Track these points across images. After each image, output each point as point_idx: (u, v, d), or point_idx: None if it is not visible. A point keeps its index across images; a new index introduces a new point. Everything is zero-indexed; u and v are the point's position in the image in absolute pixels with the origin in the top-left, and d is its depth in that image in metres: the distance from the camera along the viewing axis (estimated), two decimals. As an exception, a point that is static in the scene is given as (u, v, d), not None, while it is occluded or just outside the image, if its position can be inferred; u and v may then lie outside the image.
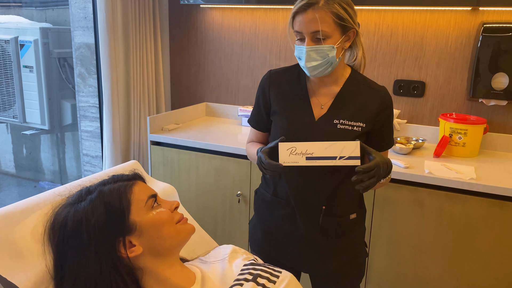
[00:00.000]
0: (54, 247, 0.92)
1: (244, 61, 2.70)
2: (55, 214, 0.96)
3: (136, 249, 0.91)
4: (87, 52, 2.77)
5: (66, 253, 0.90)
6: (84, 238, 0.88)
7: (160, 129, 2.44)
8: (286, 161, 1.22)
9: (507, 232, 1.76)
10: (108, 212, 0.91)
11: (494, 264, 1.81)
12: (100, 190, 0.94)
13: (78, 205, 0.93)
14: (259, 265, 1.01)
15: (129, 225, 0.91)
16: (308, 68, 1.27)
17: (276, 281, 0.95)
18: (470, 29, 2.17)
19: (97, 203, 0.91)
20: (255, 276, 0.95)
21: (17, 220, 0.94)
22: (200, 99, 2.89)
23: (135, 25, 2.56)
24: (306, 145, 1.22)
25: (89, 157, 2.95)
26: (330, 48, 1.23)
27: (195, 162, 2.27)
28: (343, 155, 1.20)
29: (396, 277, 1.98)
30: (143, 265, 0.93)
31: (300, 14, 1.23)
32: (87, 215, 0.90)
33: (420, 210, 1.87)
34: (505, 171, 1.91)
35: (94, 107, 2.83)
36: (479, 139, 2.10)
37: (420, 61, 2.30)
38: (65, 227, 0.91)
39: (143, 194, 0.96)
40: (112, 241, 0.90)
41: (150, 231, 0.93)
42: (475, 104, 2.23)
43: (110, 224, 0.90)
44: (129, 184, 0.97)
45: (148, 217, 0.93)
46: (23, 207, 0.97)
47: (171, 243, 0.95)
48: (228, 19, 2.68)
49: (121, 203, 0.92)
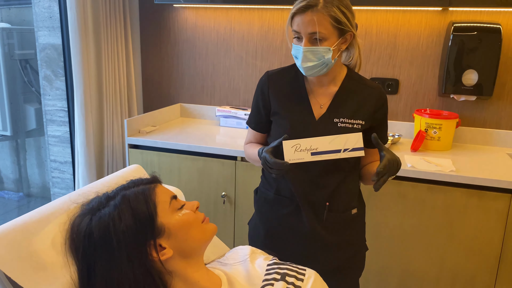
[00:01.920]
0: (79, 258, 0.88)
1: (220, 61, 2.69)
2: (73, 224, 0.91)
3: (167, 251, 0.89)
4: (53, 54, 2.65)
5: (95, 263, 0.86)
6: (114, 244, 0.85)
7: (137, 132, 2.38)
8: (291, 158, 1.23)
9: (485, 221, 1.86)
10: (136, 216, 0.88)
11: (474, 251, 1.91)
12: (124, 195, 0.91)
13: (102, 212, 0.89)
14: (283, 263, 1.01)
15: (158, 228, 0.89)
16: (304, 68, 1.29)
17: (304, 279, 0.96)
18: (440, 28, 2.28)
19: (123, 208, 0.88)
20: (283, 275, 0.95)
21: (35, 231, 0.89)
22: (174, 100, 2.84)
23: (106, 25, 2.48)
24: (310, 141, 1.23)
25: (57, 163, 2.82)
26: (326, 50, 1.26)
27: (176, 164, 2.23)
28: (347, 147, 1.23)
29: (381, 269, 2.05)
30: (172, 268, 0.91)
31: (298, 15, 1.24)
32: (114, 221, 0.86)
33: (404, 202, 1.95)
34: (478, 163, 2.02)
35: (62, 110, 2.71)
36: (452, 133, 2.21)
37: (393, 60, 2.38)
38: (90, 236, 0.87)
39: (166, 196, 0.94)
40: (143, 245, 0.87)
41: (178, 233, 0.91)
42: (446, 99, 2.35)
43: (140, 228, 0.87)
44: (152, 187, 0.94)
45: (175, 219, 0.92)
46: (38, 217, 0.92)
47: (198, 244, 0.95)
48: (202, 19, 2.66)
49: (148, 206, 0.89)
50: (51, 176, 2.88)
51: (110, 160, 2.62)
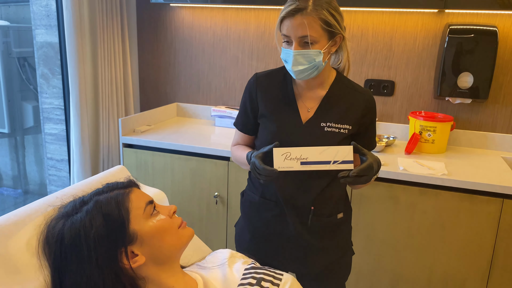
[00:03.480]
0: (51, 263, 0.88)
1: (216, 61, 2.68)
2: (48, 227, 0.91)
3: (139, 258, 0.88)
4: (50, 52, 2.66)
5: (65, 268, 0.86)
6: (84, 251, 0.85)
7: (132, 131, 2.38)
8: (281, 166, 1.23)
9: (476, 225, 1.85)
10: (107, 223, 0.87)
11: (465, 255, 1.90)
12: (97, 200, 0.90)
13: (74, 217, 0.88)
14: (260, 268, 1.01)
15: (130, 235, 0.88)
16: (294, 71, 1.28)
17: (280, 284, 0.96)
18: (436, 30, 2.26)
19: (94, 214, 0.87)
20: (258, 280, 0.95)
21: (10, 233, 0.89)
22: (171, 99, 2.85)
23: (102, 23, 2.48)
24: (300, 150, 1.23)
25: (54, 161, 2.84)
26: (317, 53, 1.25)
27: (170, 164, 2.24)
28: (337, 160, 1.22)
29: (372, 272, 2.04)
30: (145, 274, 0.90)
31: (288, 18, 1.24)
32: (85, 227, 0.86)
33: (395, 205, 1.94)
34: (472, 166, 2.01)
35: (59, 109, 2.72)
36: (447, 136, 2.19)
37: (389, 61, 2.37)
38: (61, 241, 0.86)
39: (140, 202, 0.93)
40: (113, 253, 0.86)
41: (152, 240, 0.90)
42: (442, 102, 2.33)
43: (111, 235, 0.86)
44: (126, 192, 0.93)
45: (148, 225, 0.91)
46: (14, 219, 0.92)
47: (173, 250, 0.93)
48: (199, 19, 2.65)
49: (120, 212, 0.89)
50: (48, 174, 2.89)
51: (106, 159, 2.63)
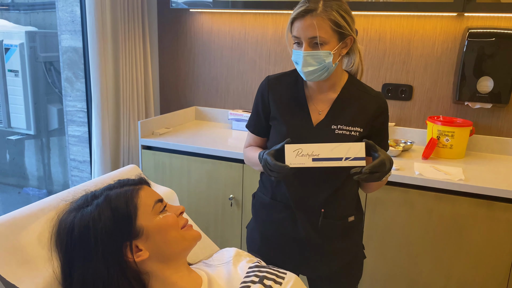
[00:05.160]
0: (61, 253, 0.92)
1: (234, 65, 2.72)
2: (60, 220, 0.95)
3: (143, 253, 0.91)
4: (74, 56, 2.75)
5: (73, 259, 0.89)
6: (91, 243, 0.88)
7: (150, 133, 2.44)
8: (292, 162, 1.23)
9: (494, 231, 1.81)
10: (115, 216, 0.91)
11: (482, 263, 1.86)
12: (107, 195, 0.94)
13: (84, 210, 0.92)
14: (264, 267, 1.02)
15: (136, 230, 0.91)
16: (304, 72, 1.29)
17: (282, 283, 0.97)
18: (456, 34, 2.23)
19: (104, 207, 0.91)
20: (261, 278, 0.96)
21: (23, 226, 0.93)
22: (190, 103, 2.89)
23: (124, 29, 2.55)
24: (312, 147, 1.23)
25: (76, 162, 2.92)
26: (326, 54, 1.25)
27: (186, 166, 2.27)
28: (349, 156, 1.21)
29: (387, 277, 2.02)
30: (149, 269, 0.93)
31: (298, 20, 1.25)
32: (94, 220, 0.89)
33: (411, 211, 1.91)
34: (491, 172, 1.97)
35: (82, 111, 2.80)
36: (465, 141, 2.16)
37: (407, 65, 2.35)
38: (71, 232, 0.90)
39: (150, 199, 0.96)
40: (119, 246, 0.90)
41: (156, 236, 0.93)
42: (461, 107, 2.29)
43: (117, 228, 0.90)
44: (136, 189, 0.97)
45: (155, 221, 0.94)
46: (27, 213, 0.96)
47: (177, 248, 0.96)
48: (218, 24, 2.70)
49: (128, 207, 0.92)
50: (70, 175, 2.98)
51: (126, 160, 2.69)
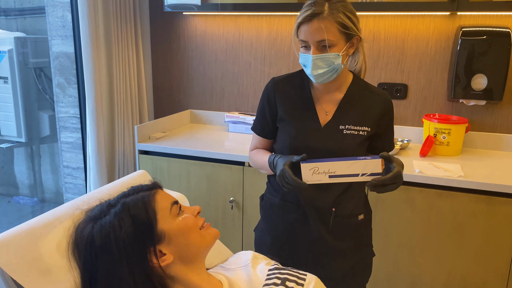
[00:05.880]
0: (81, 265, 0.90)
1: (229, 67, 2.71)
2: (76, 231, 0.94)
3: (167, 257, 0.91)
4: (66, 62, 2.71)
5: (96, 270, 0.88)
6: (115, 252, 0.87)
7: (147, 138, 2.41)
8: (309, 180, 1.23)
9: (494, 226, 1.84)
10: (136, 223, 0.90)
11: (483, 257, 1.89)
12: (124, 202, 0.93)
13: (103, 220, 0.91)
14: (284, 269, 1.02)
15: (158, 234, 0.91)
16: (314, 75, 1.30)
17: (304, 284, 0.97)
18: (449, 33, 2.27)
19: (123, 215, 0.90)
20: (283, 280, 0.96)
21: (41, 236, 0.91)
22: (184, 106, 2.88)
23: (117, 33, 2.53)
24: (328, 165, 1.22)
25: (70, 169, 2.88)
26: (335, 56, 1.27)
27: (185, 170, 2.26)
28: (365, 172, 1.21)
29: (389, 275, 2.03)
30: (174, 273, 0.92)
31: (305, 24, 1.25)
32: (114, 229, 0.88)
33: (412, 208, 1.93)
34: (488, 168, 2.00)
35: (75, 117, 2.77)
36: (461, 138, 2.19)
37: (402, 65, 2.38)
38: (92, 244, 0.89)
39: (166, 202, 0.96)
40: (143, 252, 0.89)
41: (178, 238, 0.93)
42: (456, 104, 2.33)
43: (139, 235, 0.89)
44: (151, 194, 0.96)
45: (175, 224, 0.93)
46: (44, 222, 0.94)
47: (198, 249, 0.96)
48: (211, 26, 2.69)
49: (147, 213, 0.91)
50: (64, 182, 2.93)
51: (121, 166, 2.66)
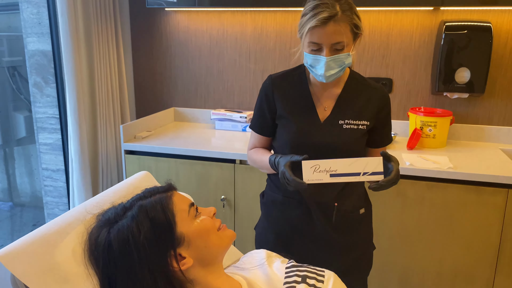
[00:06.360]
0: (100, 271, 0.86)
1: (213, 64, 2.68)
2: (90, 236, 0.89)
3: (187, 261, 0.88)
4: (43, 60, 2.61)
5: (115, 276, 0.84)
6: (135, 257, 0.83)
7: (132, 138, 2.35)
8: (310, 178, 1.23)
9: (483, 215, 1.90)
10: (155, 226, 0.86)
11: (473, 246, 1.94)
12: (141, 205, 0.89)
13: (119, 224, 0.87)
14: (301, 265, 1.01)
15: (178, 237, 0.88)
16: (326, 77, 1.29)
17: (324, 281, 0.96)
18: (432, 27, 2.31)
19: (141, 219, 0.87)
20: (303, 277, 0.96)
21: (55, 243, 0.87)
22: (168, 104, 2.82)
23: (97, 30, 2.45)
24: (329, 163, 1.22)
25: (49, 171, 2.78)
26: (346, 56, 1.27)
27: (174, 169, 2.22)
28: (367, 171, 1.22)
29: (382, 266, 2.07)
30: (193, 277, 0.90)
31: (320, 27, 1.22)
32: (133, 233, 0.85)
33: (404, 200, 1.97)
34: (474, 159, 2.06)
35: (54, 118, 2.67)
36: (447, 130, 2.24)
37: (387, 59, 2.41)
38: (109, 249, 0.85)
39: (184, 204, 0.93)
40: (163, 256, 0.86)
41: (197, 241, 0.90)
42: (439, 97, 2.38)
43: (159, 238, 0.86)
44: (168, 196, 0.93)
45: (194, 226, 0.91)
46: (56, 228, 0.90)
47: (217, 251, 0.93)
48: (195, 22, 2.65)
49: (166, 215, 0.88)
50: (43, 185, 2.83)
51: (105, 167, 2.59)
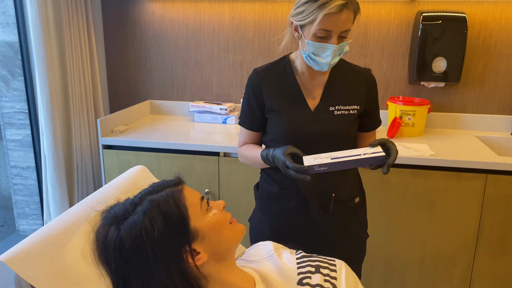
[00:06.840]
0: (112, 271, 0.82)
1: (190, 55, 2.62)
2: (97, 234, 0.85)
3: (202, 256, 0.85)
4: (9, 52, 2.47)
5: (130, 274, 0.80)
6: (149, 254, 0.80)
7: (110, 132, 2.27)
8: (311, 163, 1.22)
9: (463, 200, 1.96)
10: (168, 221, 0.83)
11: (454, 231, 2.01)
12: (152, 200, 0.85)
13: (129, 220, 0.83)
14: (311, 256, 1.00)
15: (192, 232, 0.85)
16: (330, 64, 1.29)
17: (336, 270, 0.96)
18: (409, 18, 2.35)
19: (153, 214, 0.83)
20: (316, 267, 0.95)
21: (62, 244, 0.82)
22: (143, 97, 2.74)
23: (68, 20, 2.33)
24: (329, 154, 1.24)
25: (18, 168, 2.64)
26: (346, 44, 1.29)
27: (156, 163, 2.16)
28: (367, 153, 1.23)
29: (367, 254, 2.09)
30: (208, 272, 0.87)
31: (334, 14, 1.21)
32: (146, 229, 0.81)
33: (387, 188, 2.00)
34: (452, 146, 2.12)
35: (22, 112, 2.54)
36: (424, 119, 2.30)
37: (365, 49, 2.44)
38: (121, 247, 0.80)
39: (195, 198, 0.90)
40: (179, 252, 0.82)
41: (211, 235, 0.87)
42: (416, 87, 2.44)
43: (174, 234, 0.82)
44: (179, 189, 0.89)
45: (207, 220, 0.88)
46: (61, 228, 0.84)
47: (230, 245, 0.91)
48: (170, 12, 2.57)
49: (180, 210, 0.85)
50: (11, 183, 2.69)
51: (80, 163, 2.48)
